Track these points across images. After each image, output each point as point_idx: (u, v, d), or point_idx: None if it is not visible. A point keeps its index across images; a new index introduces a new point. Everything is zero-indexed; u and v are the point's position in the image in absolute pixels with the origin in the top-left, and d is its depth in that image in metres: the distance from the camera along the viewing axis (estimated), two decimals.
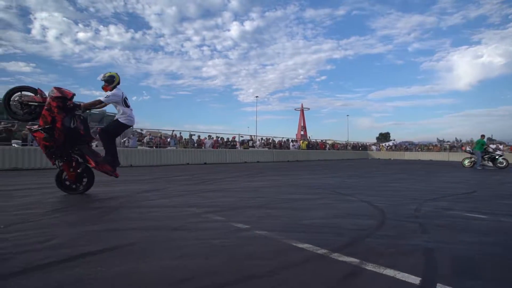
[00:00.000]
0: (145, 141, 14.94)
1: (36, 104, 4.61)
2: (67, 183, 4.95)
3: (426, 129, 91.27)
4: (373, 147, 33.50)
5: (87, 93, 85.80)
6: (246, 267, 2.07)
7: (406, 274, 1.94)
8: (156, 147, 14.84)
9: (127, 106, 4.95)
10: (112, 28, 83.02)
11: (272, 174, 9.96)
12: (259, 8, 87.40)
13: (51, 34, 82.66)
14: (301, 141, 24.88)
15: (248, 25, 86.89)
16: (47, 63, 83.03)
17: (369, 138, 68.11)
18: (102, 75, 5.00)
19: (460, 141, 31.47)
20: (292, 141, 24.29)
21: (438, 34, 78.17)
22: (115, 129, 5.07)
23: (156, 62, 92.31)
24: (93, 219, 3.38)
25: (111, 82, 4.90)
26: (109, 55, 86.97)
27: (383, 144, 35.47)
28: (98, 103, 4.77)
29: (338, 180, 8.15)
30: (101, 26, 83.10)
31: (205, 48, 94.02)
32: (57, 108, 4.46)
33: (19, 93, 4.64)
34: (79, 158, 4.90)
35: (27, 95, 4.65)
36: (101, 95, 4.95)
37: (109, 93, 4.79)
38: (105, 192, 5.36)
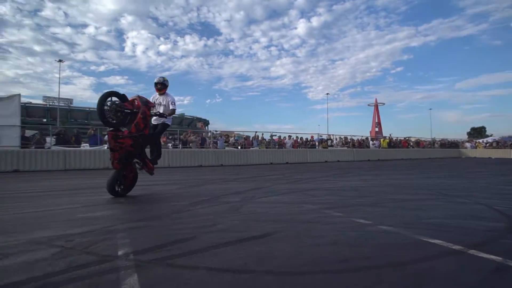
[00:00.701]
0: (231, 142, 16.28)
1: (129, 111, 4.74)
2: (118, 188, 5.05)
3: None
4: (467, 144, 29.62)
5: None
6: (391, 255, 2.40)
7: None
8: (241, 147, 16.05)
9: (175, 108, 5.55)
10: (187, 38, 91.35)
11: (362, 174, 9.94)
12: (326, 2, 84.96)
13: (139, 49, 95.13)
14: (381, 139, 23.62)
15: (315, 21, 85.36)
16: (136, 75, 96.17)
17: (458, 134, 59.59)
18: (162, 77, 5.41)
19: None
20: (372, 139, 23.26)
21: None
22: (163, 130, 5.66)
23: (226, 66, 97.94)
24: (231, 211, 4.12)
25: (167, 86, 5.51)
26: (185, 63, 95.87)
27: (480, 140, 30.99)
28: (173, 112, 5.48)
29: (437, 181, 7.75)
30: (178, 37, 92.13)
31: (272, 48, 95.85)
32: (149, 116, 4.91)
33: (110, 99, 4.64)
34: (138, 162, 5.24)
35: (118, 102, 4.71)
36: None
37: (171, 99, 5.45)
38: (220, 189, 6.28)
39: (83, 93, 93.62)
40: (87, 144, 13.01)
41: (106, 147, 12.89)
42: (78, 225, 3.22)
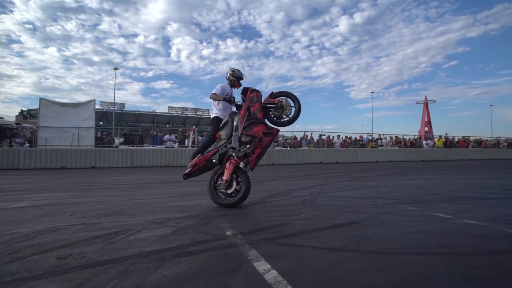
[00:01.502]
0: (280, 141, 16.57)
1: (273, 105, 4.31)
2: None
3: None
4: None
5: (210, 101, 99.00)
6: (487, 244, 2.45)
7: None
8: (291, 147, 16.26)
9: None
10: (229, 41, 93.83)
11: (422, 173, 9.57)
12: None
13: (184, 54, 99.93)
14: (436, 139, 22.20)
15: (358, 17, 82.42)
16: (180, 79, 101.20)
17: None
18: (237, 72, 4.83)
19: None
20: (426, 138, 21.98)
21: None
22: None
23: (267, 67, 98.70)
24: (307, 203, 4.37)
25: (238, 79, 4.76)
26: (227, 65, 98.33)
27: None
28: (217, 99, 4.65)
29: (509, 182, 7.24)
30: (220, 41, 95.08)
31: (313, 47, 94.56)
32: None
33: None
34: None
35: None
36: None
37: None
38: (284, 184, 6.57)
39: (133, 97, 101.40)
40: (150, 144, 14.24)
41: (164, 147, 14.00)
42: (178, 211, 3.71)
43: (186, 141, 14.97)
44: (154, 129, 14.67)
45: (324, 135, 17.53)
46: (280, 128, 4.37)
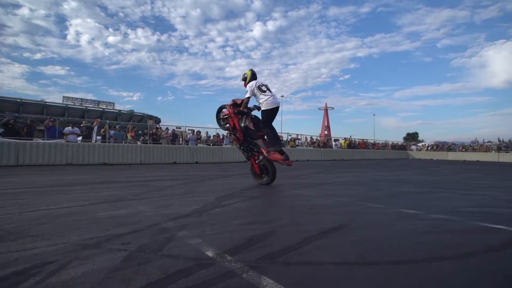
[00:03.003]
0: (203, 138, 15.67)
1: (228, 116, 5.63)
2: (258, 172, 5.77)
3: (458, 129, 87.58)
4: (413, 147, 32.75)
5: (115, 93, 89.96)
6: (479, 239, 2.41)
7: None
8: (214, 144, 15.54)
9: (264, 92, 5.29)
10: (139, 31, 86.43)
11: (345, 171, 10.21)
12: (282, 7, 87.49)
13: (84, 39, 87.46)
14: (342, 140, 24.86)
15: (270, 25, 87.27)
16: (79, 66, 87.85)
17: (396, 138, 65.86)
18: (242, 75, 5.79)
19: (503, 141, 30.41)
20: (334, 140, 24.35)
21: (471, 28, 74.72)
22: (265, 117, 5.30)
23: (180, 63, 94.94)
24: (266, 206, 3.86)
25: (244, 79, 5.66)
26: (136, 57, 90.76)
27: (423, 143, 34.52)
28: (248, 100, 5.36)
29: (420, 178, 8.31)
30: (130, 30, 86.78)
31: (228, 48, 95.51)
32: (233, 113, 5.48)
33: (222, 111, 5.80)
34: (259, 152, 5.59)
35: (224, 111, 5.72)
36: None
37: (247, 88, 5.36)
38: (225, 183, 5.91)
39: (12, 81, 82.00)
40: (40, 139, 11.36)
41: (64, 141, 11.43)
42: (114, 224, 2.67)
43: (94, 135, 12.57)
44: (50, 119, 11.75)
45: None
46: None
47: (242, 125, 5.45)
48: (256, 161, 5.67)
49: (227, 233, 2.47)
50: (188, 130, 15.04)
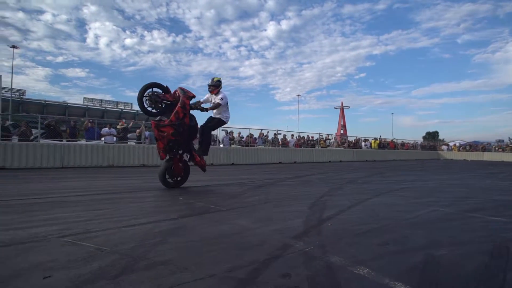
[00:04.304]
0: (236, 139, 15.32)
1: (169, 102, 4.88)
2: (169, 179, 5.26)
3: (479, 127, 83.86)
4: (444, 147, 31.33)
5: (132, 94, 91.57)
6: None
7: None
8: (246, 145, 15.16)
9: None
10: (155, 33, 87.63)
11: (396, 174, 9.59)
12: (296, 6, 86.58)
13: (103, 41, 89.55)
14: (372, 140, 23.98)
15: (284, 24, 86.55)
16: (98, 68, 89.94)
17: (414, 137, 63.63)
18: (214, 78, 5.45)
19: None
20: (364, 140, 23.51)
21: (494, 22, 71.38)
22: (216, 125, 5.63)
23: (195, 64, 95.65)
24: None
25: (218, 86, 5.45)
26: (152, 58, 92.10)
27: (454, 143, 32.96)
28: (217, 106, 5.33)
29: (487, 182, 7.60)
30: (146, 32, 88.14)
31: (242, 48, 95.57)
32: (188, 106, 4.96)
33: (151, 90, 4.78)
34: (186, 154, 5.31)
35: (158, 92, 4.85)
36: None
37: (221, 95, 5.37)
38: (296, 192, 5.46)
39: (36, 84, 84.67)
40: (81, 139, 11.30)
41: (104, 142, 11.33)
42: (238, 247, 2.27)
43: (142, 136, 12.36)
44: (89, 120, 11.70)
45: (280, 134, 16.96)
46: (238, 126, 4.37)
47: (192, 123, 5.09)
48: (180, 164, 5.24)
49: (384, 257, 2.01)
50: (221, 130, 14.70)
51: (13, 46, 37.86)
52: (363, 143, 23.18)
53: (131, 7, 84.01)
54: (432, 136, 61.18)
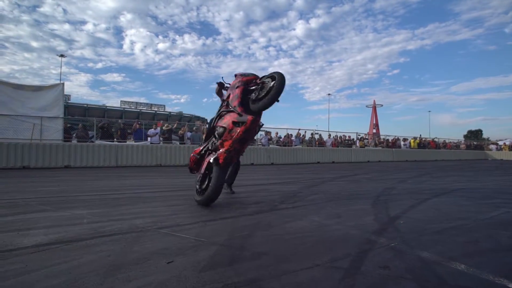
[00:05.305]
0: (274, 139, 15.49)
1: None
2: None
3: None
4: (492, 146, 29.27)
5: (164, 96, 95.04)
6: None
7: None
8: (284, 145, 15.26)
9: None
10: (186, 37, 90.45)
11: (448, 175, 9.21)
12: (325, 4, 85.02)
13: (137, 47, 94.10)
14: (411, 140, 23.02)
15: (313, 23, 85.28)
16: (133, 72, 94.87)
17: (453, 136, 59.48)
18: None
19: None
20: (403, 139, 22.63)
21: None
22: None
23: (225, 65, 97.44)
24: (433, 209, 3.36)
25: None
26: (183, 61, 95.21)
27: (504, 142, 30.63)
28: None
29: None
30: (177, 36, 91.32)
31: (271, 48, 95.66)
32: None
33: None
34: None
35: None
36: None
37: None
38: (356, 188, 5.50)
39: (79, 89, 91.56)
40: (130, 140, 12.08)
41: (150, 142, 12.02)
42: (326, 241, 2.40)
43: (184, 137, 13.03)
44: (137, 122, 12.49)
45: (317, 133, 16.89)
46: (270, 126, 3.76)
47: None
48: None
49: (477, 255, 2.05)
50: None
51: (61, 55, 41.13)
52: (402, 143, 22.33)
53: (163, 13, 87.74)
54: (475, 135, 57.26)
